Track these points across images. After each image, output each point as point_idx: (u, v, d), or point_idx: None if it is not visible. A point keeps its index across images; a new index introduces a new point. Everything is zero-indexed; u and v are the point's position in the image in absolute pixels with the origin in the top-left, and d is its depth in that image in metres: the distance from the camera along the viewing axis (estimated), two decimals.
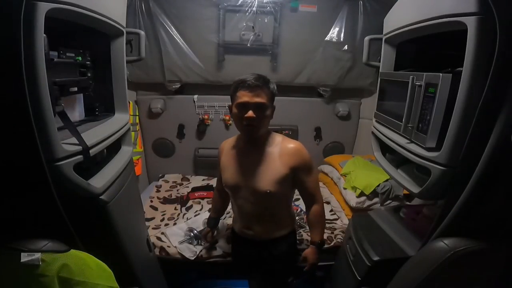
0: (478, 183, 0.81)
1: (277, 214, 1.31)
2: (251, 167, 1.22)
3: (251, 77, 1.12)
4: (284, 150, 1.21)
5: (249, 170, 1.23)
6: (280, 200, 1.28)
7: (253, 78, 1.12)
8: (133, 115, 2.39)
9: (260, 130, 1.17)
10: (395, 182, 1.31)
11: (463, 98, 0.83)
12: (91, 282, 0.81)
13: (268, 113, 1.16)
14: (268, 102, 1.15)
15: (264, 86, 1.13)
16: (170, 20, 2.22)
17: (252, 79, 1.12)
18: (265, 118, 1.15)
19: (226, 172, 1.29)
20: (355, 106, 2.68)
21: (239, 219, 1.36)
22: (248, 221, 1.32)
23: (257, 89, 1.12)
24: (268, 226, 1.31)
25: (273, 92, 1.18)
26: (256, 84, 1.11)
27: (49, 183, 0.75)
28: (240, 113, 1.13)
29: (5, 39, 0.63)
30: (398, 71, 1.31)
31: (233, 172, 1.26)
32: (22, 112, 0.67)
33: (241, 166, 1.25)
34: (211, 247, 1.68)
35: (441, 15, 0.89)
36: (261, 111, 1.13)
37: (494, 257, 0.91)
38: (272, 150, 1.22)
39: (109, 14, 0.98)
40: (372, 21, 2.26)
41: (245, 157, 1.25)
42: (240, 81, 1.14)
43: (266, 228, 1.31)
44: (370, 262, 1.14)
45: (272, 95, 1.17)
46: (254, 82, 1.11)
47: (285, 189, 1.25)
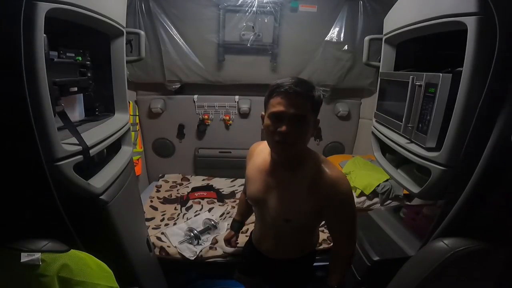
0: (478, 183, 0.81)
1: (298, 238, 1.14)
2: (274, 189, 1.03)
3: (290, 81, 0.88)
4: (317, 178, 0.96)
5: (272, 191, 1.04)
6: (303, 226, 1.08)
7: (293, 83, 0.88)
8: (133, 115, 2.39)
9: (295, 149, 0.93)
10: (395, 182, 1.31)
11: (463, 98, 0.83)
12: (91, 282, 0.81)
13: (309, 128, 0.91)
14: (309, 115, 0.90)
15: (306, 93, 0.88)
16: (170, 20, 2.22)
17: (291, 83, 0.87)
18: (303, 134, 0.91)
19: (249, 184, 1.11)
20: (355, 106, 2.68)
21: (257, 230, 1.23)
22: (264, 236, 1.18)
23: (297, 97, 0.87)
24: (285, 247, 1.15)
25: (318, 101, 0.93)
26: (295, 90, 0.87)
27: (49, 183, 0.75)
28: (273, 126, 0.90)
29: (5, 39, 0.63)
30: (398, 71, 1.31)
31: (256, 188, 1.08)
32: (22, 112, 0.67)
33: (265, 183, 1.05)
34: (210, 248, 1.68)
35: (441, 15, 0.89)
36: (299, 125, 0.88)
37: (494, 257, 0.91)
38: (304, 175, 0.98)
39: (109, 14, 0.98)
40: (372, 21, 2.26)
41: (270, 175, 1.04)
42: (277, 85, 0.90)
43: (282, 249, 1.16)
44: (370, 262, 1.14)
45: (316, 106, 0.92)
46: (293, 88, 0.87)
47: (310, 220, 1.05)
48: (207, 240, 1.74)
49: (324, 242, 1.77)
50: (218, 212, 2.06)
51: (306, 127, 0.91)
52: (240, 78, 2.39)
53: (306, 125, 0.90)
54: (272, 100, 0.91)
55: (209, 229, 1.83)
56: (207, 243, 1.71)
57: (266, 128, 0.93)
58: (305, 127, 0.90)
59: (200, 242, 1.71)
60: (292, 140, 0.90)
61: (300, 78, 0.92)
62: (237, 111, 2.54)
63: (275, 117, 0.89)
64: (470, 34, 0.79)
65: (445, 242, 0.87)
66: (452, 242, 0.86)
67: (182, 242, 1.70)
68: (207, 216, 1.95)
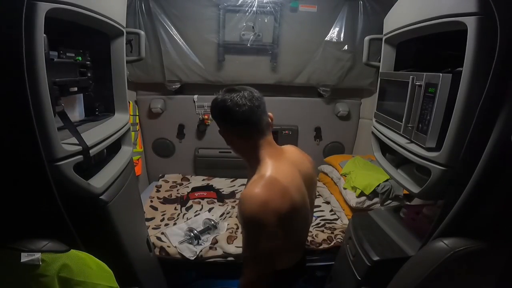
0: (478, 183, 0.81)
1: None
2: None
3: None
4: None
5: None
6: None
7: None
8: (133, 115, 2.39)
9: (241, 157, 1.03)
10: (395, 182, 1.31)
11: (463, 98, 0.83)
12: (91, 282, 0.81)
13: (226, 138, 1.01)
14: (220, 129, 1.00)
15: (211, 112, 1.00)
16: (170, 20, 2.22)
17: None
18: (229, 144, 1.01)
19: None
20: (355, 106, 2.68)
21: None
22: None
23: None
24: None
25: (213, 116, 1.01)
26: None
27: (49, 183, 0.75)
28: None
29: (6, 39, 0.63)
30: (398, 71, 1.31)
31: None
32: (22, 112, 0.67)
33: None
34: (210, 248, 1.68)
35: (441, 15, 0.89)
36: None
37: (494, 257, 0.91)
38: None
39: (109, 14, 0.98)
40: (372, 21, 2.26)
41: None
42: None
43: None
44: (370, 262, 1.14)
45: (215, 119, 1.01)
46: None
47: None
48: (207, 240, 1.74)
49: (324, 242, 1.77)
50: (218, 212, 2.06)
51: (226, 139, 1.00)
52: (240, 78, 2.39)
53: (224, 137, 1.00)
54: None
55: (209, 229, 1.83)
56: (207, 243, 1.71)
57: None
58: (225, 139, 1.01)
59: (200, 242, 1.71)
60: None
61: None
62: None
63: None
64: (470, 34, 0.79)
65: (445, 242, 0.87)
66: (452, 242, 0.86)
67: (182, 242, 1.70)
68: (207, 216, 1.95)
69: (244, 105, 0.92)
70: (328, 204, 2.25)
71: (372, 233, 1.29)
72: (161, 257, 1.63)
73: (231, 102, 0.93)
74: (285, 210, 0.90)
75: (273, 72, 2.42)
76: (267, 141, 0.99)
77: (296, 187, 0.97)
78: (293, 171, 0.99)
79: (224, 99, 0.94)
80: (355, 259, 1.27)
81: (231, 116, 0.94)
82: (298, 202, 0.96)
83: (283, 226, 0.91)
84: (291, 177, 0.96)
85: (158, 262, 1.52)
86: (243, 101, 0.92)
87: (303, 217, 1.05)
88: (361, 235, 1.28)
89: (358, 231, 1.31)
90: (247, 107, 0.93)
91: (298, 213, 0.98)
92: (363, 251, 1.20)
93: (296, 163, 1.05)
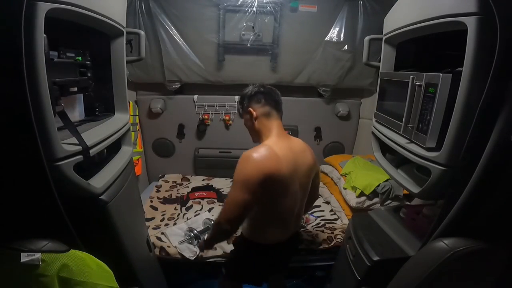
0: (478, 183, 0.81)
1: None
2: None
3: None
4: None
5: None
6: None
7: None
8: (133, 115, 2.39)
9: (256, 136, 1.26)
10: (395, 182, 1.31)
11: (463, 98, 0.83)
12: (91, 282, 0.81)
13: (249, 119, 1.25)
14: (243, 115, 1.29)
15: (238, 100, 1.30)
16: (170, 20, 2.22)
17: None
18: (251, 125, 1.25)
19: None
20: (355, 106, 2.68)
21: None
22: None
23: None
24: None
25: (245, 101, 1.26)
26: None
27: (49, 183, 0.75)
28: None
29: (6, 39, 0.63)
30: (398, 71, 1.31)
31: None
32: (22, 112, 0.67)
33: None
34: None
35: (441, 15, 0.89)
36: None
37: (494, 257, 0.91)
38: None
39: (109, 14, 0.98)
40: (372, 21, 2.26)
41: None
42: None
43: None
44: (370, 262, 1.14)
45: (247, 102, 1.25)
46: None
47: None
48: None
49: (324, 242, 1.77)
50: (218, 212, 2.06)
51: (249, 120, 1.24)
52: (240, 78, 2.39)
53: (249, 120, 1.24)
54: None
55: (209, 229, 1.83)
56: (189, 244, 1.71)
57: None
58: (249, 120, 1.24)
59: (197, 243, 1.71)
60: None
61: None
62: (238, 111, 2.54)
63: None
64: (470, 34, 0.79)
65: (445, 242, 0.87)
66: (452, 242, 0.86)
67: (182, 242, 1.70)
68: (207, 216, 1.95)
69: (275, 92, 1.26)
70: (328, 204, 2.25)
71: (372, 233, 1.29)
72: (161, 257, 1.63)
73: (266, 89, 1.25)
74: (270, 171, 1.05)
75: (273, 72, 2.42)
76: (280, 125, 1.24)
77: (288, 162, 1.12)
78: (289, 152, 1.16)
79: (261, 86, 1.25)
80: (355, 259, 1.27)
81: (266, 96, 1.22)
82: (286, 175, 1.10)
83: (264, 188, 1.06)
84: (285, 153, 1.13)
85: (158, 262, 1.52)
86: (274, 91, 1.27)
87: (290, 195, 1.16)
88: (361, 235, 1.28)
89: (358, 231, 1.31)
90: (277, 95, 1.26)
91: (283, 186, 1.12)
92: (363, 251, 1.20)
93: (295, 149, 1.21)
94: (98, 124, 1.10)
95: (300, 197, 1.24)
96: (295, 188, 1.18)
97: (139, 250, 1.28)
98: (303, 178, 1.22)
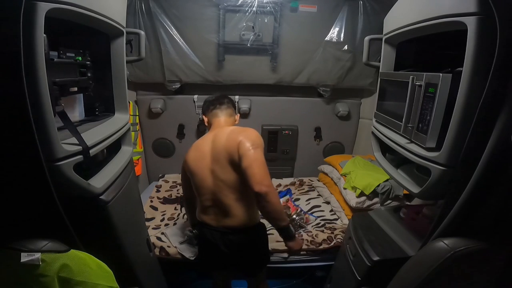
0: (478, 183, 0.81)
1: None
2: None
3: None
4: None
5: None
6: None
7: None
8: (133, 115, 2.39)
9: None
10: (395, 182, 1.31)
11: (463, 98, 0.83)
12: (91, 282, 0.81)
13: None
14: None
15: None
16: (170, 20, 2.21)
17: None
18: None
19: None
20: (355, 106, 2.68)
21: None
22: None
23: None
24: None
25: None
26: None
27: (49, 183, 0.75)
28: None
29: (5, 39, 0.63)
30: (398, 71, 1.31)
31: None
32: (22, 112, 0.67)
33: None
34: None
35: (441, 15, 0.89)
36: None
37: (494, 257, 0.91)
38: None
39: (109, 14, 0.98)
40: (372, 21, 2.26)
41: None
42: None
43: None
44: (370, 262, 1.14)
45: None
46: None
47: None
48: None
49: (324, 242, 1.77)
50: None
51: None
52: (240, 78, 2.39)
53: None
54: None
55: None
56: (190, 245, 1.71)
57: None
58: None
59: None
60: None
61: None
62: (237, 111, 2.54)
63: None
64: (470, 34, 0.79)
65: (445, 242, 0.87)
66: (452, 242, 0.86)
67: (182, 242, 1.70)
68: None
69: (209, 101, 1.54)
70: (328, 204, 2.25)
71: (372, 233, 1.29)
72: (161, 257, 1.63)
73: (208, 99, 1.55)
74: (185, 158, 1.44)
75: (273, 72, 2.42)
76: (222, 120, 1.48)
77: (199, 147, 1.41)
78: (205, 139, 1.41)
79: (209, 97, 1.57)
80: (355, 259, 1.27)
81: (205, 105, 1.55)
82: (195, 156, 1.38)
83: (184, 170, 1.46)
84: (201, 140, 1.43)
85: (158, 262, 1.52)
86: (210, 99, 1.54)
87: (198, 179, 1.35)
88: (361, 235, 1.28)
89: (358, 231, 1.31)
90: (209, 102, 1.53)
91: (192, 172, 1.38)
92: (363, 251, 1.20)
93: (216, 135, 1.37)
94: (98, 124, 1.09)
95: (211, 181, 1.32)
96: (201, 173, 1.34)
97: (139, 250, 1.28)
98: (214, 165, 1.31)
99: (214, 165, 1.31)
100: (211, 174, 1.32)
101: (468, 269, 0.90)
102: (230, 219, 1.32)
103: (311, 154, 2.76)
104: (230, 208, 1.30)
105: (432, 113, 0.93)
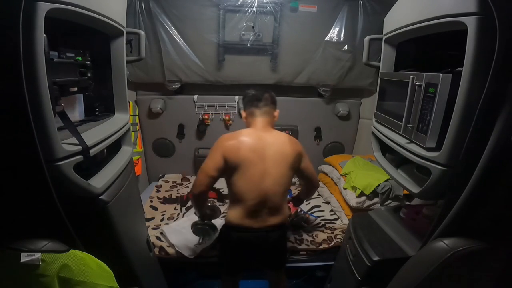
0: (478, 183, 0.81)
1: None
2: None
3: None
4: None
5: None
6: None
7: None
8: (133, 115, 2.39)
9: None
10: (395, 182, 1.31)
11: (463, 98, 0.83)
12: (91, 282, 0.81)
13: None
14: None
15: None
16: (170, 20, 2.22)
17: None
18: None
19: None
20: (355, 106, 2.68)
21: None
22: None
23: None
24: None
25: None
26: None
27: (49, 183, 0.75)
28: None
29: (5, 39, 0.63)
30: (398, 71, 1.31)
31: None
32: (21, 112, 0.67)
33: None
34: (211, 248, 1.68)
35: (441, 15, 0.89)
36: None
37: (494, 257, 0.91)
38: None
39: (109, 14, 0.98)
40: (372, 21, 2.26)
41: None
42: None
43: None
44: (370, 262, 1.14)
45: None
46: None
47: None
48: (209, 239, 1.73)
49: (324, 242, 1.77)
50: None
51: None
52: (240, 78, 2.39)
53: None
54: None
55: None
56: (208, 242, 1.71)
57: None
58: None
59: (202, 240, 1.67)
60: None
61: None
62: (237, 111, 2.54)
63: None
64: (470, 34, 0.79)
65: (445, 242, 0.87)
66: (452, 242, 0.86)
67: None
68: None
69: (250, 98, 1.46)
70: (328, 204, 2.25)
71: (372, 233, 1.29)
72: (161, 257, 1.63)
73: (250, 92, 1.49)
74: (229, 148, 1.31)
75: (273, 72, 2.42)
76: (262, 121, 1.43)
77: (252, 146, 1.31)
78: (256, 139, 1.34)
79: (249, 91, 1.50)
80: (355, 259, 1.27)
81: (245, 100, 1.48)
82: (247, 156, 1.29)
83: (226, 162, 1.30)
84: (251, 139, 1.34)
85: (158, 262, 1.52)
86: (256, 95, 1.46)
87: (250, 175, 1.31)
88: (361, 235, 1.28)
89: (358, 231, 1.31)
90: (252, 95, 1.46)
91: (243, 165, 1.30)
92: (363, 251, 1.20)
93: (267, 139, 1.36)
94: (98, 124, 1.09)
95: (266, 184, 1.31)
96: (256, 170, 1.30)
97: (139, 250, 1.28)
98: (272, 168, 1.32)
99: (272, 168, 1.32)
100: (268, 176, 1.32)
101: (468, 269, 0.90)
102: (276, 218, 1.37)
103: (311, 154, 2.72)
104: (278, 207, 1.37)
105: (432, 113, 0.93)
